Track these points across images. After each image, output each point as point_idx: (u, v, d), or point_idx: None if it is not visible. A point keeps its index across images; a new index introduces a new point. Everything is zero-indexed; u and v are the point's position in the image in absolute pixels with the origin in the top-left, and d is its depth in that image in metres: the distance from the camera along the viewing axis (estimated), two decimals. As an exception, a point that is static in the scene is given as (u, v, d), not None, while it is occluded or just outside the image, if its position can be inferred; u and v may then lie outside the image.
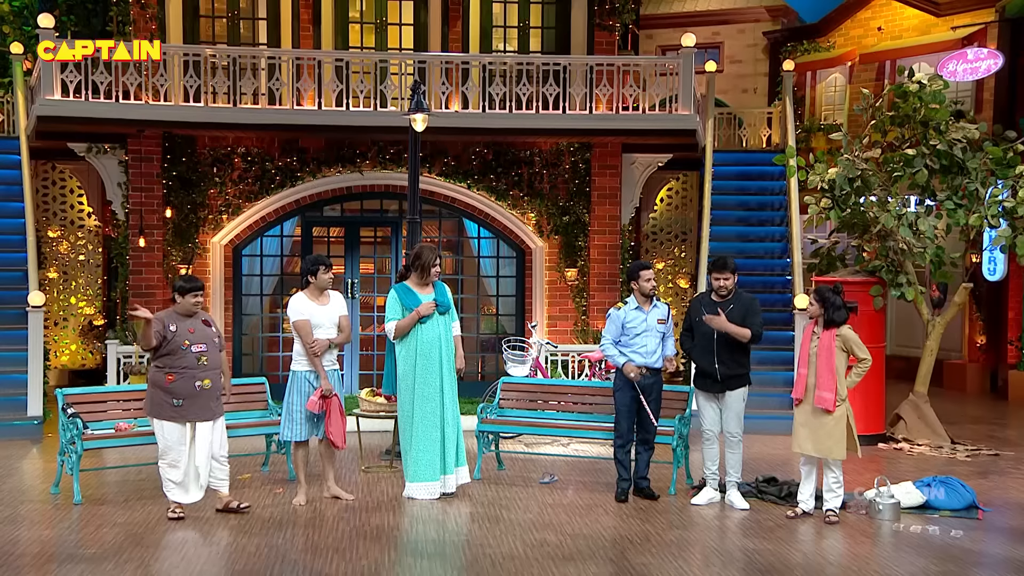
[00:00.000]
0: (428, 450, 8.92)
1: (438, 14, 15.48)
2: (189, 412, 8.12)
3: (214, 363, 8.24)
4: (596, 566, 7.15)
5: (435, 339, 8.95)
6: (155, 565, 7.10)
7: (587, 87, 14.31)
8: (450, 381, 9.05)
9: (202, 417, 8.16)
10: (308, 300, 8.74)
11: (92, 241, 16.71)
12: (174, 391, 8.10)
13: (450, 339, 9.08)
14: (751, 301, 9.00)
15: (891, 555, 7.63)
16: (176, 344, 8.13)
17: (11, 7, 17.21)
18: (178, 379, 8.09)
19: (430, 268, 9.03)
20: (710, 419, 9.02)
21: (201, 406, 8.15)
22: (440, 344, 8.96)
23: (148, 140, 14.61)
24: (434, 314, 8.94)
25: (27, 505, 8.82)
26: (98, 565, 7.07)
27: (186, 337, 8.14)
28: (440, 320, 9.00)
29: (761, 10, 22.71)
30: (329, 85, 14.00)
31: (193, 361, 8.11)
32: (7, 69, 15.69)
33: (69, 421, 8.99)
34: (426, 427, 8.90)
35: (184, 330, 8.17)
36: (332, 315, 8.77)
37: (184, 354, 8.11)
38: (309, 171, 15.02)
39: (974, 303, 17.18)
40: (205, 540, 7.77)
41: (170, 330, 8.15)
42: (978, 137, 12.51)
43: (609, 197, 15.53)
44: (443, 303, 9.01)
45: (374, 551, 7.45)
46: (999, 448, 12.11)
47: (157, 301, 14.58)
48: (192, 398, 8.11)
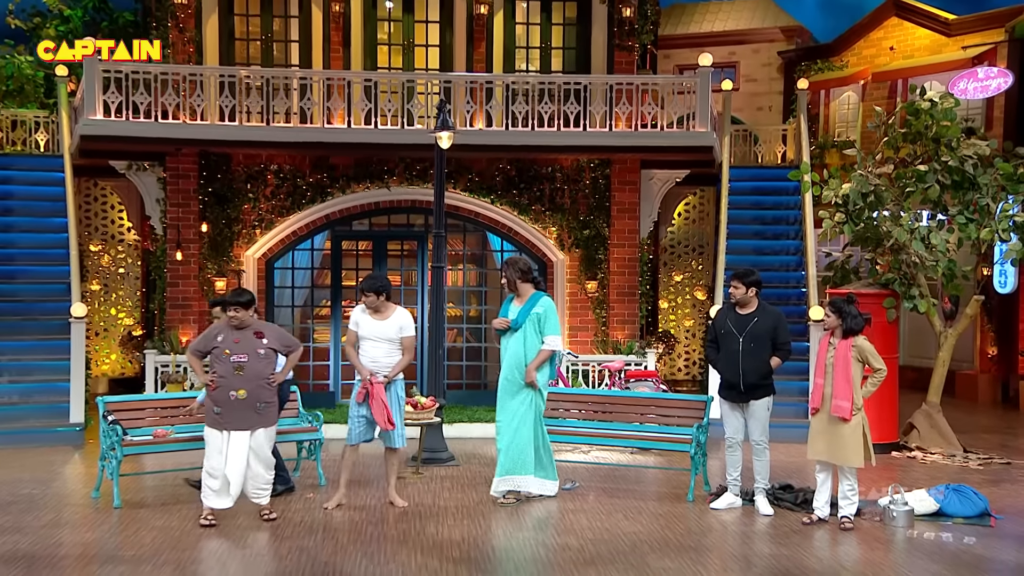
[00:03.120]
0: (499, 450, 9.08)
1: (463, 36, 15.55)
2: (226, 420, 8.13)
3: (253, 374, 8.17)
4: (617, 570, 7.11)
5: (505, 351, 9.05)
6: (191, 567, 7.12)
7: (607, 105, 14.31)
8: (509, 391, 9.01)
9: (238, 426, 8.14)
10: (364, 312, 8.80)
11: (131, 255, 16.86)
12: (215, 399, 8.14)
13: (518, 353, 8.97)
14: (778, 317, 8.89)
15: (905, 561, 7.55)
16: (218, 352, 8.18)
17: (57, 32, 17.45)
18: (218, 388, 8.13)
19: (512, 282, 9.07)
20: (733, 427, 8.95)
21: (237, 416, 8.13)
22: (509, 357, 9.01)
23: (185, 158, 14.73)
24: (509, 328, 9.00)
25: (70, 508, 8.87)
26: (137, 567, 7.09)
27: (228, 347, 8.17)
28: (515, 335, 8.98)
29: (776, 31, 22.71)
30: (358, 104, 14.07)
31: (230, 370, 8.12)
32: (52, 90, 15.89)
33: (109, 428, 9.04)
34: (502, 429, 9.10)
35: (230, 340, 8.20)
36: (387, 330, 8.72)
37: (223, 362, 8.14)
38: (339, 187, 15.09)
39: (985, 315, 17.05)
40: (239, 543, 7.78)
41: (217, 340, 8.20)
42: (989, 153, 12.45)
43: (628, 212, 15.51)
44: (515, 321, 8.98)
45: (401, 554, 7.44)
46: (1011, 457, 11.98)
47: (193, 312, 14.70)
48: (228, 407, 8.12)
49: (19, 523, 8.28)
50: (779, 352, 8.78)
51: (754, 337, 8.72)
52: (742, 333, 8.76)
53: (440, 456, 11.02)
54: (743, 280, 8.84)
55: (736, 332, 8.79)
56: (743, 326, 8.78)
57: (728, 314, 8.99)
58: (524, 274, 9.05)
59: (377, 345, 8.71)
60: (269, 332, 8.40)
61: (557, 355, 9.18)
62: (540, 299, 9.01)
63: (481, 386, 15.53)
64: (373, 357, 8.72)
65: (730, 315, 8.95)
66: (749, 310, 8.86)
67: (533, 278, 9.11)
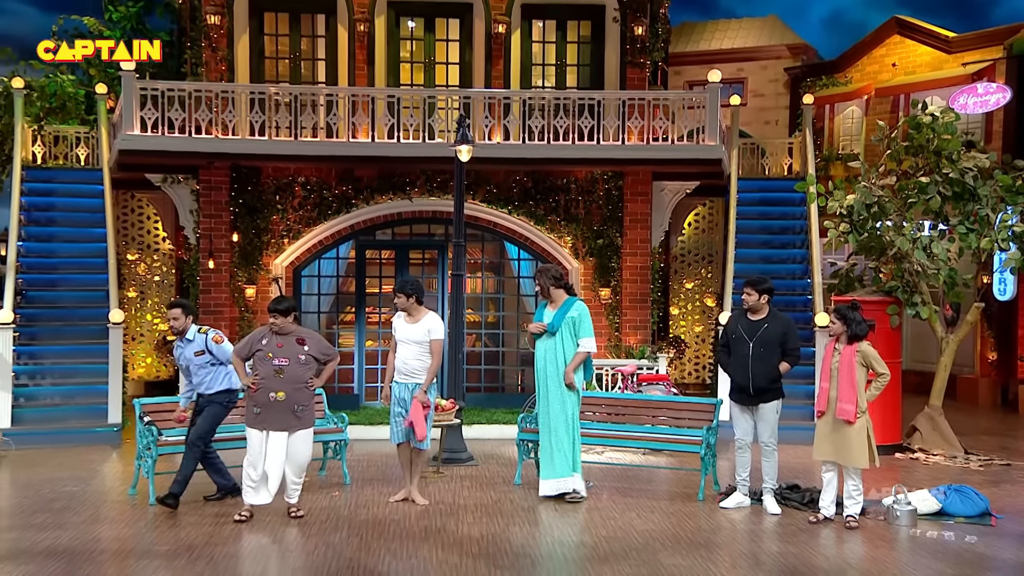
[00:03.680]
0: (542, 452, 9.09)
1: (482, 53, 15.59)
2: (265, 420, 8.17)
3: (292, 379, 8.19)
4: (630, 566, 7.10)
5: (541, 354, 9.06)
6: (223, 562, 7.15)
7: (620, 120, 14.32)
8: (547, 393, 9.02)
9: (276, 427, 8.17)
10: (399, 317, 8.88)
11: (166, 263, 16.96)
12: (255, 399, 8.18)
13: (555, 356, 8.98)
14: (787, 323, 8.86)
15: (908, 559, 7.51)
16: (260, 355, 8.24)
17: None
18: (259, 389, 8.17)
19: (545, 289, 9.11)
20: (743, 429, 8.93)
21: (275, 417, 8.15)
22: (544, 360, 9.02)
23: (217, 171, 14.82)
24: (545, 332, 9.02)
25: (107, 505, 8.93)
26: (171, 561, 7.13)
27: (271, 350, 8.22)
28: (551, 339, 9.00)
29: (782, 48, 22.68)
30: (382, 119, 14.13)
31: (270, 372, 8.16)
32: (93, 108, 16.04)
33: (145, 428, 9.10)
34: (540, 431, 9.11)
35: (273, 344, 8.25)
36: (416, 333, 8.75)
37: (265, 364, 8.19)
38: (363, 198, 15.15)
39: (985, 321, 16.95)
40: (269, 539, 7.81)
41: (261, 343, 8.25)
42: (988, 166, 12.40)
43: (640, 222, 15.50)
44: (551, 324, 9.00)
45: (423, 550, 7.45)
46: (1010, 458, 11.89)
47: (224, 318, 14.77)
48: (267, 407, 8.15)
49: (60, 520, 8.35)
50: (788, 357, 8.75)
51: (764, 343, 8.70)
52: (752, 338, 8.73)
53: (460, 456, 11.03)
54: (756, 287, 8.83)
55: (747, 337, 8.76)
56: (754, 332, 8.76)
57: (740, 320, 8.96)
58: (556, 280, 9.08)
59: (407, 347, 8.76)
60: (311, 340, 8.43)
61: (591, 357, 9.17)
62: (574, 304, 9.06)
63: (499, 389, 15.54)
64: (404, 358, 8.78)
65: (741, 321, 8.93)
66: (760, 316, 8.84)
67: (565, 284, 9.14)
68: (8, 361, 12.63)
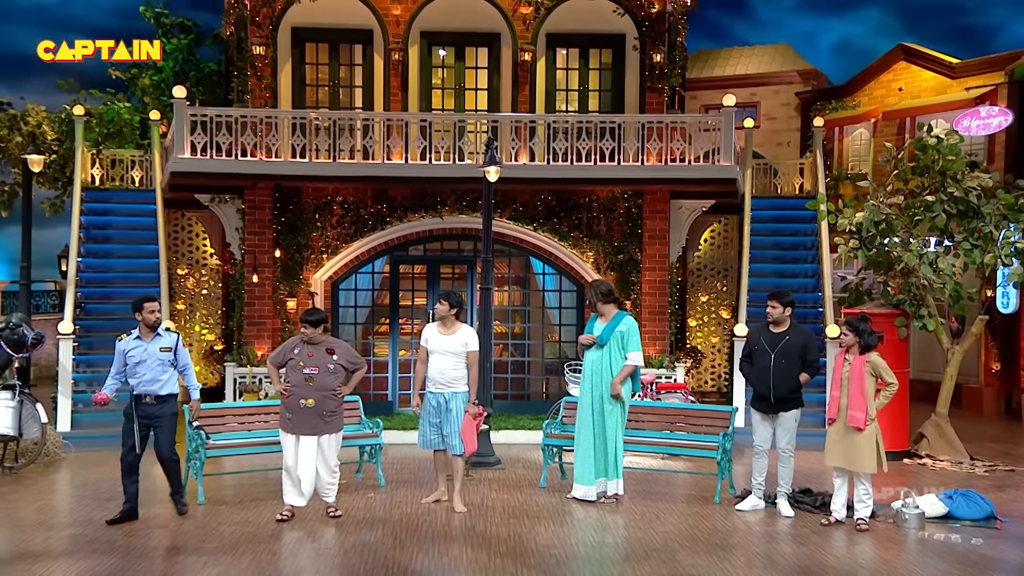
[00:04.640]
0: (581, 458, 8.99)
1: (509, 80, 15.65)
2: (296, 425, 8.21)
3: (321, 386, 8.22)
4: (650, 566, 7.06)
5: (589, 365, 9.01)
6: (266, 558, 7.18)
7: (639, 142, 14.32)
8: (592, 403, 8.97)
9: (306, 431, 8.21)
10: (433, 329, 8.79)
11: (213, 277, 17.11)
12: (287, 406, 8.23)
13: (603, 368, 8.93)
14: (808, 336, 8.77)
15: (917, 560, 7.41)
16: (292, 364, 8.27)
17: (151, 81, 17.83)
18: (290, 395, 8.21)
19: (594, 303, 9.08)
20: (761, 436, 8.84)
21: (306, 422, 8.20)
22: (591, 371, 8.98)
23: (261, 191, 14.95)
24: (595, 344, 8.97)
25: (159, 505, 8.98)
26: (218, 557, 7.17)
27: (302, 359, 8.25)
28: (600, 351, 8.95)
29: (793, 73, 22.60)
30: (415, 142, 14.21)
31: (301, 380, 8.20)
32: (147, 133, 16.24)
33: (194, 432, 9.16)
34: (581, 438, 9.00)
35: (304, 353, 8.28)
36: (453, 345, 8.68)
37: (296, 372, 8.23)
38: (397, 216, 15.22)
39: (989, 333, 16.74)
40: (308, 537, 7.84)
41: (293, 352, 8.29)
42: (991, 185, 12.29)
43: (658, 238, 15.46)
44: (600, 337, 8.96)
45: (454, 549, 7.44)
46: (1014, 464, 11.72)
47: (267, 329, 14.87)
48: (298, 413, 8.20)
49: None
50: (808, 368, 8.67)
51: (785, 354, 8.62)
52: (774, 350, 8.66)
53: (488, 460, 11.02)
54: (780, 300, 8.76)
55: (768, 349, 8.69)
56: (775, 343, 8.68)
57: (762, 332, 8.89)
58: (605, 296, 9.04)
59: (443, 358, 8.68)
60: (339, 350, 8.46)
61: (639, 369, 9.11)
62: (624, 318, 9.01)
63: (525, 396, 15.52)
64: (440, 369, 8.66)
65: (764, 333, 8.85)
66: (782, 329, 8.76)
67: (615, 299, 9.11)
68: (68, 369, 12.77)
